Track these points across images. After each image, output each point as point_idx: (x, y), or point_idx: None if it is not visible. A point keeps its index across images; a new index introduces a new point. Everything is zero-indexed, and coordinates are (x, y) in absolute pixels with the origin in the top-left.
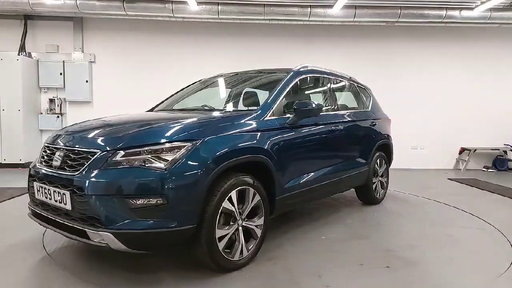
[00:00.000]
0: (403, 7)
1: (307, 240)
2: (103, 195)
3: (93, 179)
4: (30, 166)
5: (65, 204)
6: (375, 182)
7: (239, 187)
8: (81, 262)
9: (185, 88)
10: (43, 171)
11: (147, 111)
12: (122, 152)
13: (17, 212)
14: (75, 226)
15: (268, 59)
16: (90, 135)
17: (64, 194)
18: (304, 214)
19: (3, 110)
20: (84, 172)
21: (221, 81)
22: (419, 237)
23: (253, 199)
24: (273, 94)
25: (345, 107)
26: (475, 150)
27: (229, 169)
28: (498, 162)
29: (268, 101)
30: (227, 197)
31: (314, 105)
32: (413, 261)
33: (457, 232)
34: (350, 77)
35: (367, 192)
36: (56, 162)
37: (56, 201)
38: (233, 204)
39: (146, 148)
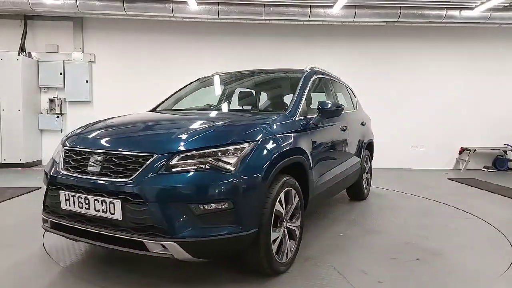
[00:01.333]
0: (403, 7)
1: (329, 238)
2: (165, 202)
3: (153, 185)
4: (49, 173)
5: (113, 213)
6: (363, 179)
7: (286, 189)
8: (82, 263)
9: (187, 86)
10: (75, 178)
11: (152, 110)
12: (179, 156)
13: (17, 212)
14: (128, 237)
15: (268, 59)
16: (140, 138)
17: (112, 203)
18: (311, 212)
19: (3, 110)
20: (139, 178)
21: (228, 80)
22: (426, 229)
23: (294, 200)
24: (297, 95)
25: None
26: (475, 150)
27: (280, 171)
28: (498, 162)
29: (295, 102)
30: (278, 199)
31: (338, 106)
32: (437, 252)
33: (457, 232)
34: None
35: (358, 188)
36: (94, 168)
37: (98, 211)
38: (282, 206)
39: (205, 151)
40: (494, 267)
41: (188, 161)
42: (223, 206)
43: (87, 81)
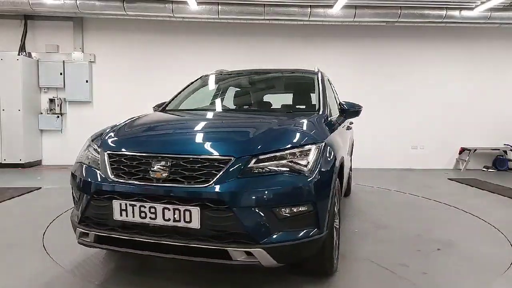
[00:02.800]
0: (403, 7)
1: (348, 235)
2: (251, 207)
3: (237, 190)
4: (93, 181)
5: (188, 222)
6: (350, 176)
7: (336, 188)
8: (83, 263)
9: (193, 84)
10: (133, 186)
11: (161, 109)
12: (255, 159)
13: (17, 212)
14: (208, 246)
15: (268, 59)
16: (211, 140)
17: (188, 211)
18: None
19: (3, 110)
20: (220, 183)
21: (239, 78)
22: (429, 221)
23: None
24: (322, 95)
25: None
26: (475, 150)
27: None
28: (498, 162)
29: (323, 102)
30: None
31: (360, 106)
32: (451, 243)
33: (457, 232)
34: None
35: (349, 184)
36: (160, 174)
37: (167, 220)
38: (336, 206)
39: (281, 153)
40: (494, 267)
41: (265, 163)
42: (304, 209)
43: (87, 81)
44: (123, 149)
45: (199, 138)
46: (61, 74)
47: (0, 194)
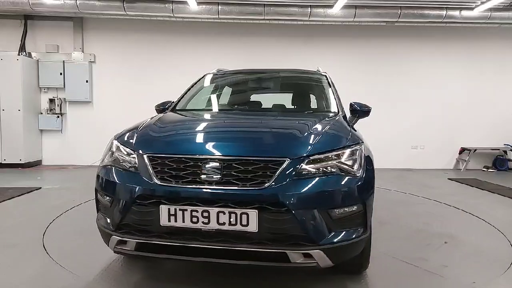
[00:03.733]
0: (403, 7)
1: None
2: (310, 208)
3: (296, 192)
4: (136, 186)
5: (245, 225)
6: None
7: None
8: (83, 262)
9: (198, 83)
10: (184, 190)
11: (171, 110)
12: (307, 160)
13: (17, 212)
14: (266, 249)
15: (268, 58)
16: (262, 142)
17: (244, 214)
18: None
19: (3, 110)
20: (278, 185)
21: (251, 78)
22: (430, 219)
23: None
24: (336, 96)
25: None
26: (475, 150)
27: None
28: (498, 162)
29: (338, 103)
30: None
31: (369, 107)
32: (454, 236)
33: (457, 232)
34: None
35: None
36: (212, 176)
37: (222, 224)
38: None
39: (330, 154)
40: (494, 267)
41: (316, 165)
42: (355, 209)
43: (87, 81)
44: (168, 151)
45: (250, 139)
46: (61, 74)
47: (0, 194)
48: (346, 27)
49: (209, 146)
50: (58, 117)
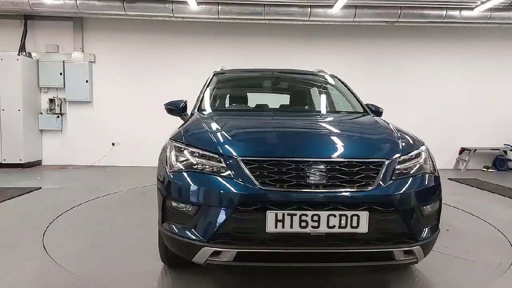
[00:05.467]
0: (403, 7)
1: None
2: (412, 207)
3: (400, 192)
4: (239, 192)
5: (355, 227)
6: None
7: None
8: (83, 262)
9: (210, 84)
10: (292, 194)
11: (193, 111)
12: (398, 161)
13: (17, 212)
14: (373, 249)
15: (268, 58)
16: (360, 143)
17: (355, 216)
18: None
19: (3, 110)
20: (383, 185)
21: (264, 78)
22: None
23: None
24: (355, 96)
25: None
26: (475, 150)
27: None
28: (498, 162)
29: (361, 102)
30: None
31: (380, 108)
32: (453, 225)
33: (457, 232)
34: None
35: None
36: (319, 179)
37: (331, 227)
38: None
39: (412, 154)
40: (494, 267)
41: (405, 165)
42: (436, 206)
43: (87, 81)
44: (266, 154)
45: (349, 141)
46: (61, 74)
47: (0, 194)
48: (346, 27)
49: (313, 149)
50: (58, 117)
